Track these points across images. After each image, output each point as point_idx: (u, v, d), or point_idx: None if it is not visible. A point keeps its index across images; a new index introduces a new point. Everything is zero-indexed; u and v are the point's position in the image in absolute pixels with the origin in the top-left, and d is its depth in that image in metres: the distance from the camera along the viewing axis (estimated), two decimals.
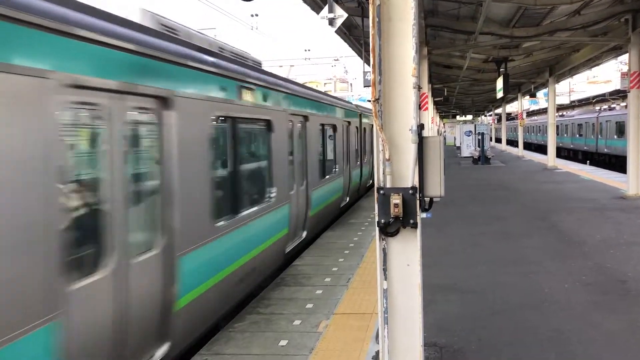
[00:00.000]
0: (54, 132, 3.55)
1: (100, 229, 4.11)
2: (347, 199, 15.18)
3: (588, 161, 34.82)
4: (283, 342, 5.60)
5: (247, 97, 7.14)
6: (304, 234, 10.18)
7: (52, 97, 3.53)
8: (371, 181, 19.37)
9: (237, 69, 6.95)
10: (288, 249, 9.03)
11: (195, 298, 5.38)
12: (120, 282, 4.25)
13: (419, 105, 4.02)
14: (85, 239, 4.06)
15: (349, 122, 15.53)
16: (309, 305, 6.74)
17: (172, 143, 5.03)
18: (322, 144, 12.01)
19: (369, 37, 3.94)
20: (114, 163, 4.24)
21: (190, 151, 5.37)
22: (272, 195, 8.08)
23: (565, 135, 43.68)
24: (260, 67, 8.97)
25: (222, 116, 6.42)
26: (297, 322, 6.17)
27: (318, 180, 11.22)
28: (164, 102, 4.94)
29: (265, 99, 7.87)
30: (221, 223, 6.08)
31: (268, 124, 8.09)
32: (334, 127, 13.38)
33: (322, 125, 11.94)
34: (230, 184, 6.76)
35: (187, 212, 5.24)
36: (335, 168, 13.37)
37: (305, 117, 10.31)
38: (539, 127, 51.33)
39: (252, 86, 7.31)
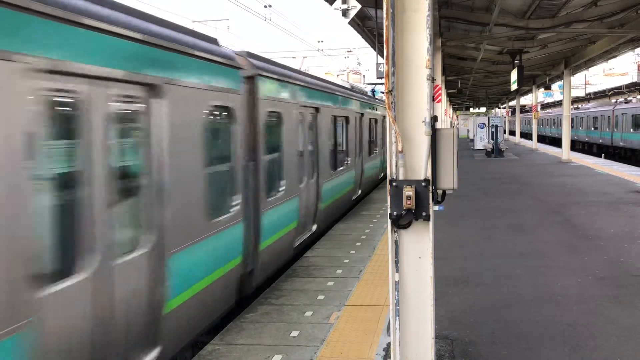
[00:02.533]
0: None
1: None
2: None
3: (603, 154, 34.47)
4: (294, 333, 5.63)
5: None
6: (314, 227, 10.03)
7: None
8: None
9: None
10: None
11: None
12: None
13: (433, 97, 3.99)
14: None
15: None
16: (321, 297, 6.75)
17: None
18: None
19: (382, 29, 3.92)
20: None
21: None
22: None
23: (580, 128, 43.27)
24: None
25: (335, 116, 8.91)
26: (308, 313, 6.19)
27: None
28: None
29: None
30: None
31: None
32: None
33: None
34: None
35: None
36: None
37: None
38: (554, 119, 50.87)
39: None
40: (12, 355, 3.05)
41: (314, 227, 10.03)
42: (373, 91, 26.26)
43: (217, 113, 6.05)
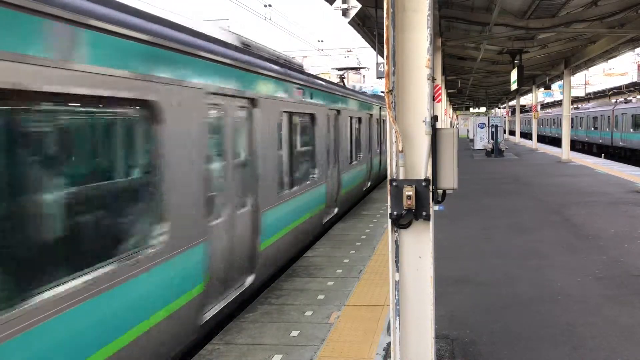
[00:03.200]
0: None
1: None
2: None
3: (603, 154, 34.48)
4: (294, 333, 5.63)
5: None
6: (336, 209, 11.86)
7: None
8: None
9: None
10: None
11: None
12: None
13: (433, 97, 3.99)
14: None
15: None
16: (321, 297, 6.76)
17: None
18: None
19: (382, 28, 3.92)
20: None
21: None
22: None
23: (580, 128, 43.28)
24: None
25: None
26: (308, 313, 6.19)
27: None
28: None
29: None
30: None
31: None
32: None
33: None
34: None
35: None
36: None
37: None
38: (554, 119, 50.89)
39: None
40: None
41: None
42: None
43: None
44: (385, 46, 3.85)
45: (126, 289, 4.08)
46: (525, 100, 57.63)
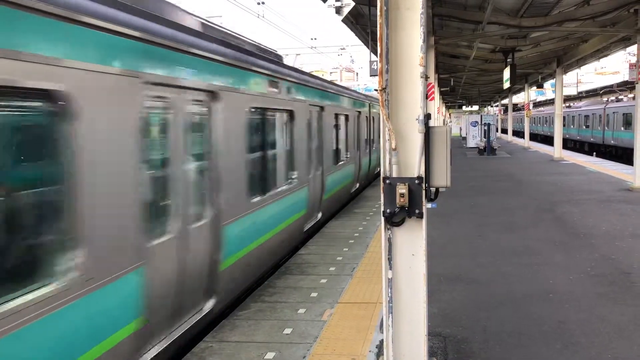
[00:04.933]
0: None
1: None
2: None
3: (594, 153, 34.67)
4: (287, 330, 5.63)
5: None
6: (319, 215, 10.96)
7: None
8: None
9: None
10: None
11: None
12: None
13: (426, 95, 4.00)
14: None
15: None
16: (314, 294, 6.76)
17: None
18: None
19: (376, 26, 3.92)
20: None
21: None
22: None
23: (571, 126, 43.47)
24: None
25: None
26: (301, 311, 6.20)
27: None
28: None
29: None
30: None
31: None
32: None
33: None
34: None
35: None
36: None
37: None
38: (546, 118, 51.10)
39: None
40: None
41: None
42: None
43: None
44: (378, 44, 3.85)
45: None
46: (518, 98, 57.83)
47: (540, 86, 37.48)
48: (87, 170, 3.73)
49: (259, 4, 30.66)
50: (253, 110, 7.06)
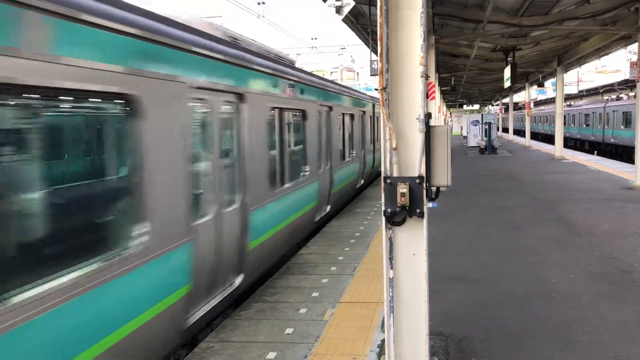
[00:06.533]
0: None
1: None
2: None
3: (596, 151, 34.66)
4: (289, 330, 5.63)
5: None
6: (328, 207, 11.73)
7: None
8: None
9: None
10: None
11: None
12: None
13: (427, 94, 4.00)
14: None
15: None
16: (315, 294, 6.76)
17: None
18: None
19: (376, 26, 3.93)
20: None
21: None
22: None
23: (572, 125, 43.44)
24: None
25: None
26: (303, 311, 6.20)
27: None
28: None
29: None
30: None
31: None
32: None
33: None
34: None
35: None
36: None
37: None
38: (546, 117, 51.07)
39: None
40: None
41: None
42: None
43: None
44: (379, 43, 3.85)
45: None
46: (519, 97, 57.80)
47: (541, 85, 37.43)
48: (153, 161, 4.58)
49: (259, 4, 30.66)
50: (274, 109, 7.91)
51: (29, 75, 3.24)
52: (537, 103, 60.90)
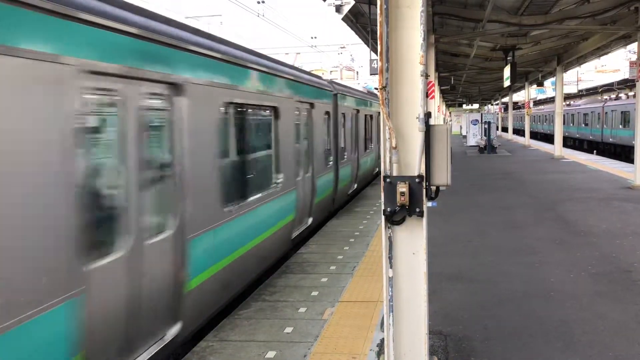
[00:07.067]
0: None
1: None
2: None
3: (595, 151, 34.67)
4: (288, 329, 5.63)
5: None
6: (310, 220, 10.25)
7: None
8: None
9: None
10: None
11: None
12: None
13: (426, 93, 3.99)
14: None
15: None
16: (314, 293, 6.76)
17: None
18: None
19: (376, 25, 3.93)
20: None
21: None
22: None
23: (571, 124, 43.44)
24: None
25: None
26: (302, 310, 6.19)
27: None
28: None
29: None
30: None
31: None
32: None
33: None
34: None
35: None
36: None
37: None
38: (546, 116, 51.06)
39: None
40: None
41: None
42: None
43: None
44: (378, 43, 3.85)
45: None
46: (518, 97, 57.78)
47: (540, 84, 37.47)
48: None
49: (259, 2, 30.65)
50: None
51: None
52: (537, 102, 60.89)
